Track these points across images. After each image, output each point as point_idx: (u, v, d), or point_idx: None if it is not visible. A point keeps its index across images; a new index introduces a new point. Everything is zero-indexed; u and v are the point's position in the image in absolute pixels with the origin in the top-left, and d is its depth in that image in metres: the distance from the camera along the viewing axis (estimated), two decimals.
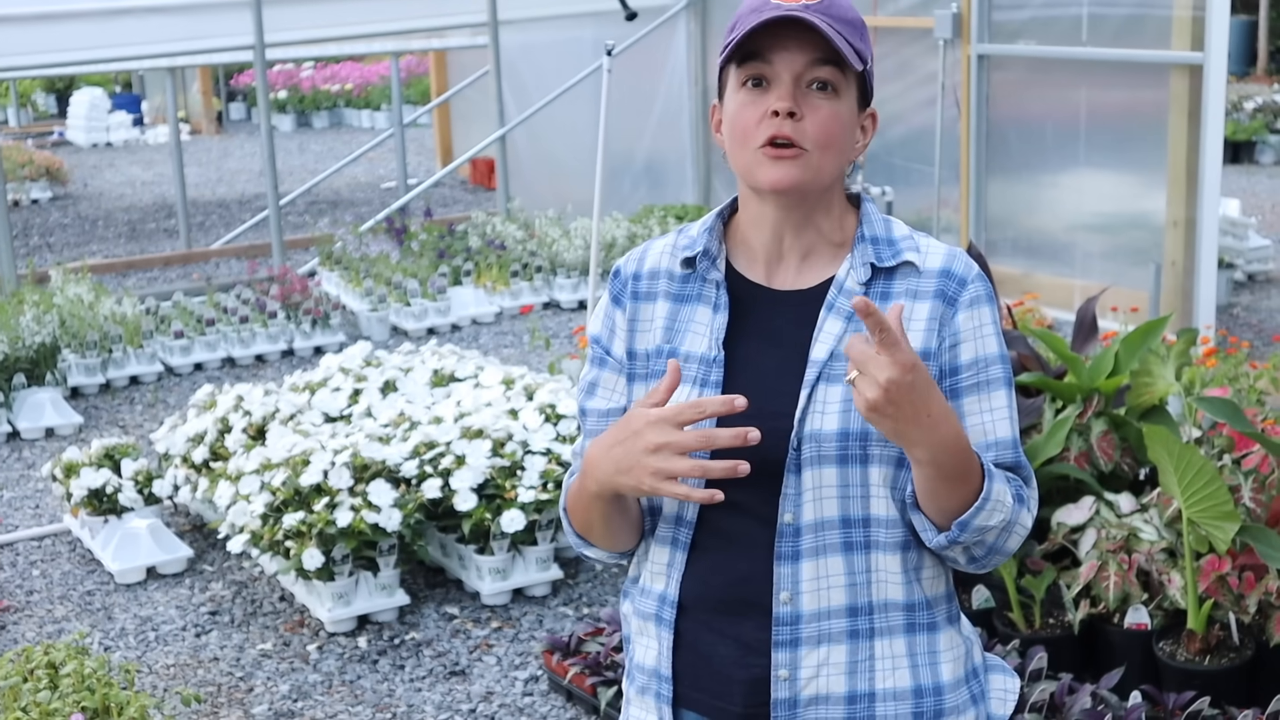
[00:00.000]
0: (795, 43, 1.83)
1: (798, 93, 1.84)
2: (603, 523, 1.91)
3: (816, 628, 1.86)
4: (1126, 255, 7.61)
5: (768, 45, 1.84)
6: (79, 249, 11.52)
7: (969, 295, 1.88)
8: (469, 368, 5.72)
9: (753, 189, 1.90)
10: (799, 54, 1.83)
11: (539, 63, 10.87)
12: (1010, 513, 1.84)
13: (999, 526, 1.83)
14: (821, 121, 1.84)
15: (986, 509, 1.80)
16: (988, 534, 1.83)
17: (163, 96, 18.84)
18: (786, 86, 1.83)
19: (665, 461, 1.75)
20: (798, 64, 1.83)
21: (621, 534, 1.95)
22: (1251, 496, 3.82)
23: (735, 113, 1.87)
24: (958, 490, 1.79)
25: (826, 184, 1.89)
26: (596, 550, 1.99)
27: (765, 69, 1.85)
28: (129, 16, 9.03)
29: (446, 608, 4.83)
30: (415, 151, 15.40)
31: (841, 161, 1.89)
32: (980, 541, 1.84)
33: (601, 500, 1.87)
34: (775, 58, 1.84)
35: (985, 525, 1.81)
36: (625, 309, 1.98)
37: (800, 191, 1.86)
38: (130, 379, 7.51)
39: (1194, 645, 3.80)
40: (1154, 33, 7.22)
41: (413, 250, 9.44)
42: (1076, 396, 4.32)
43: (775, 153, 1.84)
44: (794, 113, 1.83)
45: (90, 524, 5.32)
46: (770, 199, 1.89)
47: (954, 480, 1.78)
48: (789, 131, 1.83)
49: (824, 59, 1.83)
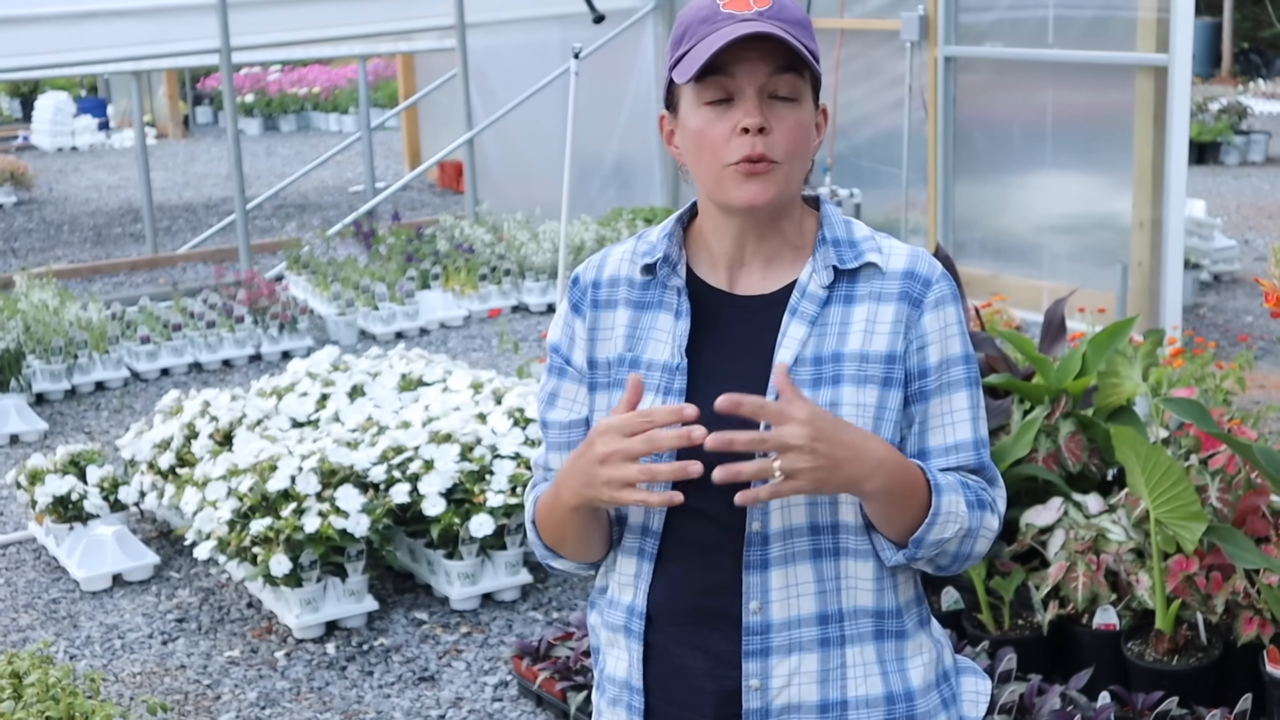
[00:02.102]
0: (756, 54, 1.80)
1: (763, 105, 1.81)
2: (577, 536, 1.90)
3: (787, 636, 1.85)
4: (1093, 256, 7.64)
5: (729, 59, 1.80)
6: (44, 254, 11.44)
7: (934, 296, 1.87)
8: (437, 372, 5.70)
9: (724, 206, 1.88)
10: (760, 65, 1.81)
11: (507, 65, 10.84)
12: (967, 520, 1.83)
13: (956, 536, 1.82)
14: (788, 132, 1.82)
15: (938, 524, 1.80)
16: (946, 545, 1.83)
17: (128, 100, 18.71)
18: (753, 101, 1.81)
19: (615, 469, 1.73)
20: (760, 75, 1.81)
21: (594, 546, 1.93)
22: (1218, 496, 3.84)
23: (700, 130, 1.84)
24: (907, 509, 1.79)
25: (796, 191, 1.88)
26: (564, 562, 1.97)
27: (728, 83, 1.81)
28: (94, 20, 8.97)
29: (415, 613, 4.81)
30: (383, 155, 15.35)
31: (807, 166, 1.88)
32: (942, 553, 1.84)
33: (578, 515, 1.85)
34: (737, 70, 1.81)
35: (941, 539, 1.81)
36: (585, 317, 1.96)
37: (772, 205, 1.85)
38: (96, 385, 7.46)
39: (1162, 645, 3.82)
40: (1119, 34, 7.25)
41: (381, 254, 9.40)
42: (1044, 398, 4.33)
43: (749, 169, 1.81)
44: (763, 128, 1.80)
45: (55, 531, 5.28)
46: (738, 212, 1.87)
47: (900, 500, 1.78)
48: (762, 150, 1.80)
49: (785, 66, 1.81)
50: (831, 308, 1.87)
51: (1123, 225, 7.32)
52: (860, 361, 1.84)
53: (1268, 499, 3.89)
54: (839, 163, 8.77)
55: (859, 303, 1.87)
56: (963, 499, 1.83)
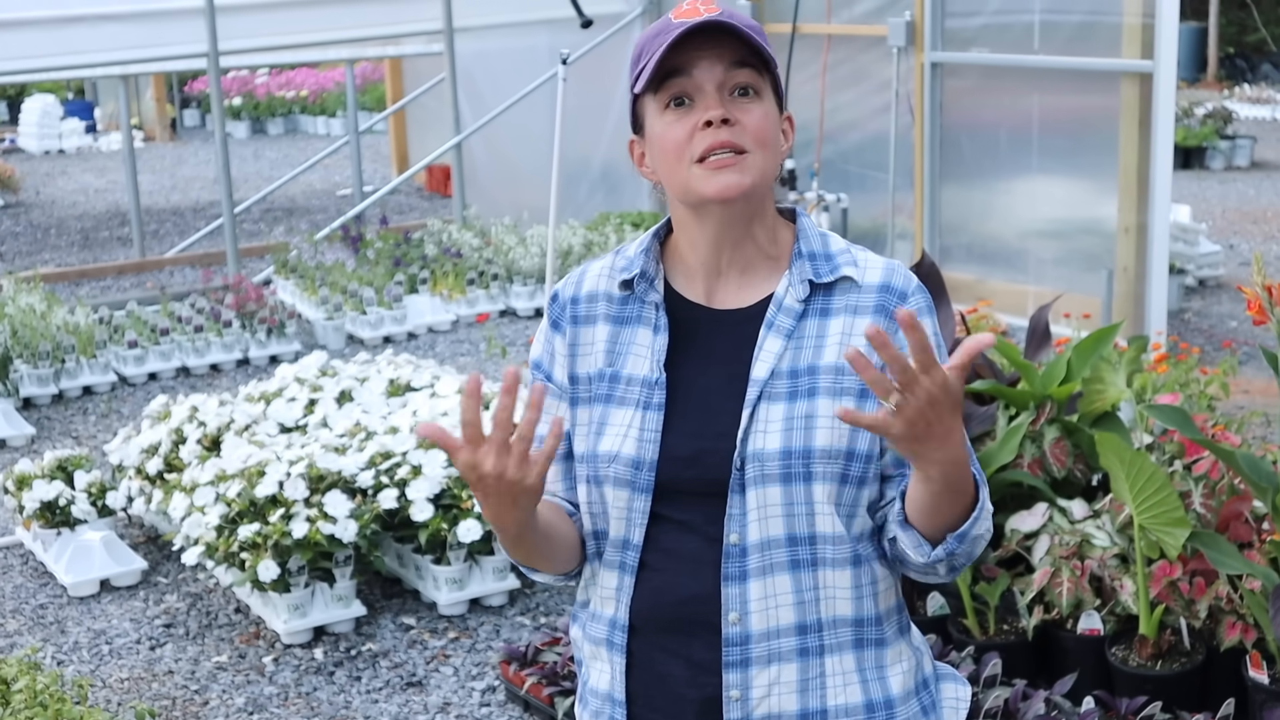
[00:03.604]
0: (711, 51, 1.83)
1: (724, 99, 1.84)
2: (530, 553, 1.91)
3: (766, 647, 1.86)
4: (1079, 261, 7.67)
5: (685, 61, 1.83)
6: (31, 258, 11.42)
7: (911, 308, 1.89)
8: (425, 377, 5.71)
9: (695, 206, 1.89)
10: (717, 62, 1.83)
11: (495, 70, 10.86)
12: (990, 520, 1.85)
13: (984, 535, 1.84)
14: (755, 122, 1.84)
15: (982, 517, 1.81)
16: (977, 544, 1.83)
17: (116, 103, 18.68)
18: (713, 96, 1.83)
19: (468, 473, 1.74)
20: (718, 71, 1.83)
21: (560, 559, 1.95)
22: (1202, 502, 3.86)
23: (662, 134, 1.86)
24: (958, 502, 1.78)
25: (768, 186, 1.89)
26: (541, 574, 1.99)
27: (686, 84, 1.84)
28: (82, 24, 8.96)
29: (403, 618, 4.82)
30: (371, 158, 15.36)
31: (777, 161, 1.89)
32: (968, 553, 1.84)
33: (522, 538, 1.86)
34: (695, 70, 1.83)
35: (979, 534, 1.81)
36: (565, 333, 1.98)
37: (747, 197, 1.85)
38: (83, 389, 7.46)
39: (1146, 650, 3.84)
40: (1105, 40, 7.27)
41: (368, 258, 9.41)
42: (1029, 403, 4.35)
43: (716, 162, 1.83)
44: (727, 119, 1.83)
45: (43, 536, 5.28)
46: (713, 213, 1.88)
47: (956, 493, 1.77)
48: (727, 137, 1.82)
49: (741, 61, 1.84)
50: (807, 321, 1.88)
51: (1108, 230, 7.35)
52: (836, 374, 1.85)
53: (1250, 505, 3.91)
54: (826, 167, 8.79)
55: (835, 316, 1.88)
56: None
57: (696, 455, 1.86)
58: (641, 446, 1.87)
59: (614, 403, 1.91)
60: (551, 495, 2.01)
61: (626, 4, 10.20)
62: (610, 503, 1.90)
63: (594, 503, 1.93)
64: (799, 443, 1.83)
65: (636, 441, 1.88)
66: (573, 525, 1.97)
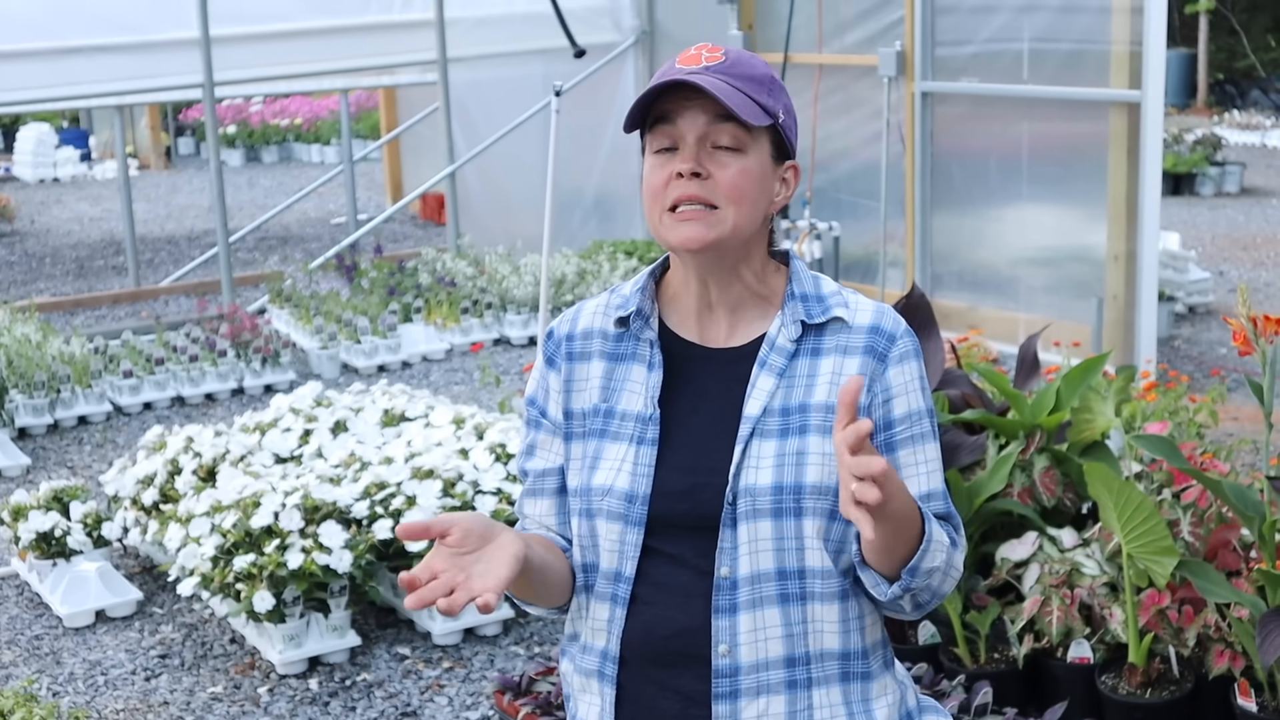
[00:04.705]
0: (697, 103, 1.88)
1: (703, 153, 1.89)
2: (525, 591, 1.97)
3: (755, 679, 1.90)
4: (1069, 289, 7.71)
5: (673, 109, 1.89)
6: (26, 287, 11.45)
7: (898, 351, 1.93)
8: (419, 407, 5.74)
9: (668, 250, 1.95)
10: (700, 114, 1.88)
11: (488, 99, 10.91)
12: (947, 552, 1.89)
13: (941, 567, 1.88)
14: (730, 178, 1.89)
15: (931, 549, 1.85)
16: (933, 576, 1.87)
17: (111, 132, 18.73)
18: (691, 149, 1.89)
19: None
20: (700, 124, 1.89)
21: (553, 593, 2.00)
22: (1190, 531, 3.89)
23: (647, 176, 1.93)
24: (909, 537, 1.83)
25: (745, 238, 1.93)
26: (538, 609, 2.04)
27: (672, 131, 1.90)
28: (78, 55, 9.01)
29: (398, 648, 4.84)
30: (365, 187, 15.40)
31: (756, 215, 1.92)
32: (927, 585, 1.88)
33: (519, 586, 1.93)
34: (680, 120, 1.89)
35: (931, 567, 1.86)
36: (560, 370, 2.02)
37: (713, 249, 1.90)
38: (79, 419, 7.47)
39: (1135, 678, 3.87)
40: (1093, 68, 7.33)
41: (363, 287, 9.45)
42: (1019, 433, 4.38)
43: (683, 214, 1.89)
44: (698, 173, 1.88)
45: (39, 567, 5.30)
46: (684, 258, 1.94)
47: (906, 529, 1.82)
48: (695, 192, 1.88)
49: (725, 116, 1.88)
50: (799, 360, 1.93)
51: (1098, 258, 7.40)
52: (826, 412, 1.89)
53: (1238, 533, 3.95)
54: (818, 196, 8.85)
55: (825, 355, 1.93)
56: (942, 530, 1.90)
57: (689, 490, 1.90)
58: (635, 480, 1.92)
59: (608, 437, 1.96)
60: (545, 529, 2.04)
61: (619, 34, 10.28)
62: (603, 536, 1.94)
63: (584, 536, 1.97)
64: (790, 478, 1.87)
65: (630, 475, 1.92)
66: (565, 560, 2.00)
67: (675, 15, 10.24)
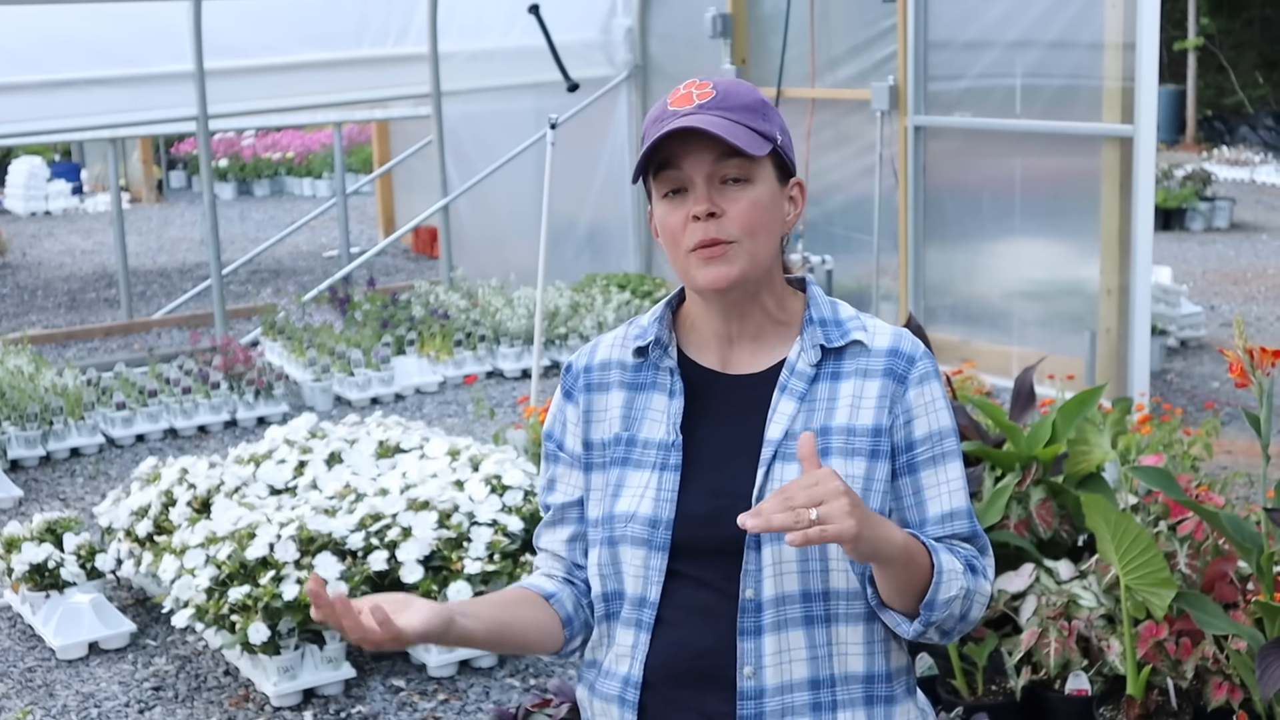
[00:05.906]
0: (698, 144, 1.90)
1: (713, 192, 1.91)
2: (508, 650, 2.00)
3: (780, 701, 1.91)
4: (1062, 322, 7.74)
5: (677, 152, 1.91)
6: (18, 319, 11.44)
7: (918, 372, 1.95)
8: (414, 439, 5.73)
9: (694, 290, 1.97)
10: (704, 155, 1.90)
11: (481, 132, 10.94)
12: (964, 579, 1.89)
13: (960, 595, 1.88)
14: (742, 212, 1.91)
15: (944, 581, 1.86)
16: (954, 605, 1.88)
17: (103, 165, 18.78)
18: (701, 190, 1.91)
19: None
20: (705, 165, 1.91)
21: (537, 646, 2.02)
22: (1187, 563, 3.90)
23: (662, 220, 1.95)
24: (916, 573, 1.84)
25: (766, 266, 1.95)
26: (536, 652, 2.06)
27: (679, 175, 1.92)
28: (71, 89, 9.02)
29: (393, 680, 4.82)
30: (358, 220, 15.41)
31: (773, 240, 1.96)
32: (949, 615, 1.89)
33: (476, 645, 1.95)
34: (685, 163, 1.91)
35: (949, 598, 1.87)
36: (579, 402, 2.04)
37: (739, 285, 1.93)
38: (71, 451, 7.45)
39: (1133, 711, 3.86)
40: (1086, 103, 7.38)
41: (356, 320, 9.44)
42: (1015, 465, 4.39)
43: (706, 254, 1.91)
44: (713, 213, 1.90)
45: (31, 599, 5.28)
46: (710, 297, 1.96)
47: (912, 564, 1.83)
48: (714, 234, 1.90)
49: (729, 151, 1.90)
50: (819, 384, 1.95)
51: (1090, 292, 7.43)
52: (848, 435, 1.91)
53: (1235, 565, 3.95)
54: (811, 229, 8.87)
55: (845, 379, 1.95)
56: (955, 558, 1.90)
57: (713, 513, 1.92)
58: (659, 506, 1.93)
59: (630, 465, 1.98)
60: (556, 557, 2.05)
61: (612, 68, 10.31)
62: (627, 562, 1.96)
63: (605, 565, 1.98)
64: None
65: (654, 501, 1.94)
66: (548, 610, 2.00)
67: (668, 50, 10.29)
